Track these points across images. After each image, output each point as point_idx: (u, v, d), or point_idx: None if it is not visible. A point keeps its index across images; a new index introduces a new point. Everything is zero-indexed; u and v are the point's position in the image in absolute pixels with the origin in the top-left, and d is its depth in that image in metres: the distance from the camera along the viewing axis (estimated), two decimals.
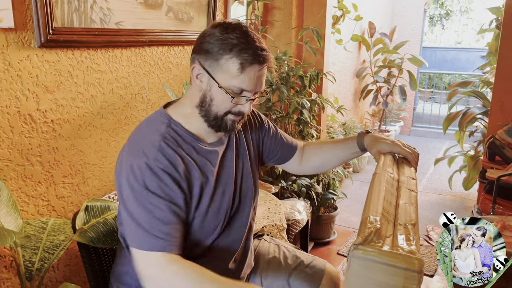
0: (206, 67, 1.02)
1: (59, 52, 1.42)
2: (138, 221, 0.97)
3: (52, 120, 1.43)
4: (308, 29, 2.41)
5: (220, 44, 1.00)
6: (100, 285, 1.29)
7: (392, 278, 0.61)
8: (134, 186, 0.98)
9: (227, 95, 1.02)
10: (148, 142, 1.03)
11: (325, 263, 1.36)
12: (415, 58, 4.67)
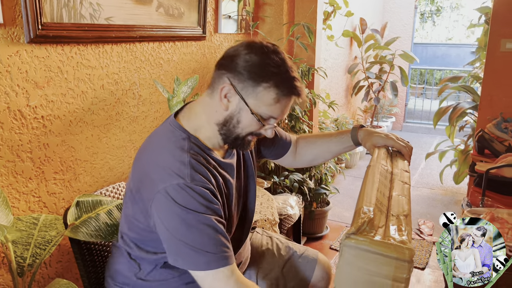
0: (238, 89, 1.00)
1: (49, 48, 1.41)
2: (193, 244, 0.95)
3: (43, 116, 1.42)
4: (299, 25, 2.42)
5: (260, 71, 0.99)
6: (93, 281, 1.29)
7: (382, 268, 0.62)
8: (176, 211, 0.95)
9: (256, 121, 1.02)
10: (176, 161, 0.99)
11: (317, 253, 1.39)
12: (406, 54, 4.70)
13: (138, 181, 1.06)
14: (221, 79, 1.03)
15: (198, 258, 0.95)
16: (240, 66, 1.00)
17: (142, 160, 1.07)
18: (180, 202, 0.95)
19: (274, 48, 1.02)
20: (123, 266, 1.15)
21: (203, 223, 0.95)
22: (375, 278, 0.61)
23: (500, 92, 2.32)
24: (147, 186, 1.02)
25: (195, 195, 0.96)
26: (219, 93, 1.02)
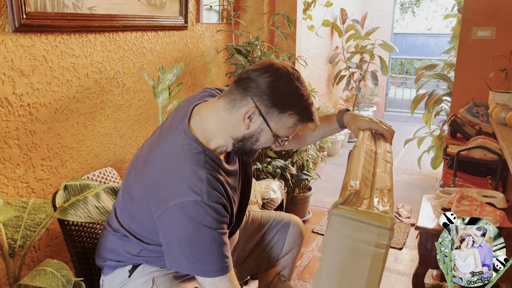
0: (263, 113, 1.06)
1: (33, 37, 1.44)
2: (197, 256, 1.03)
3: (29, 104, 1.46)
4: (279, 15, 2.48)
5: (286, 100, 1.05)
6: (82, 261, 1.34)
7: (366, 234, 0.67)
8: (189, 226, 1.01)
9: (273, 139, 1.10)
10: (194, 177, 1.03)
11: (290, 215, 1.54)
12: (385, 44, 4.79)
13: (150, 187, 1.09)
14: (244, 100, 1.06)
15: (199, 267, 1.04)
16: (267, 92, 1.04)
17: (156, 167, 1.09)
18: (196, 218, 1.01)
19: (297, 75, 1.08)
20: (117, 245, 1.21)
21: (213, 239, 1.03)
22: (359, 244, 0.67)
23: (471, 78, 2.43)
24: (159, 195, 1.06)
25: (211, 212, 1.02)
26: (243, 113, 1.06)
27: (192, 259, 1.03)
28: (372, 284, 0.68)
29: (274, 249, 1.51)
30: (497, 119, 1.93)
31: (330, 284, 0.71)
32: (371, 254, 0.67)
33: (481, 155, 1.95)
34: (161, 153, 1.11)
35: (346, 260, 0.69)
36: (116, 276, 1.22)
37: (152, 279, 1.16)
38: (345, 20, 4.78)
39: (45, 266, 1.21)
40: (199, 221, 1.01)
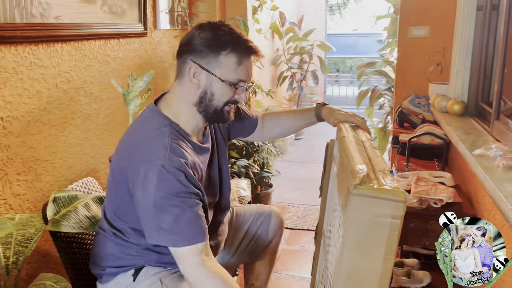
0: (203, 65, 1.11)
1: (3, 49, 1.40)
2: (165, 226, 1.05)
3: (2, 118, 1.41)
4: (234, 19, 2.56)
5: (215, 42, 1.10)
6: (77, 271, 1.33)
7: (383, 209, 0.76)
8: (152, 191, 1.04)
9: (227, 87, 1.13)
10: (157, 145, 1.08)
11: (270, 207, 1.65)
12: (323, 44, 5.06)
13: (122, 165, 1.14)
14: (185, 64, 1.14)
15: (168, 237, 1.07)
16: (197, 45, 1.11)
17: (125, 144, 1.16)
18: (156, 183, 1.04)
19: (221, 22, 1.16)
20: (114, 249, 1.22)
21: (174, 205, 1.06)
22: (377, 218, 0.76)
23: (411, 73, 2.68)
24: (130, 169, 1.10)
25: (171, 178, 1.05)
26: (187, 75, 1.13)
27: (159, 228, 1.06)
28: (391, 251, 0.78)
29: (259, 240, 1.60)
30: (439, 107, 2.17)
31: (354, 255, 0.80)
32: (389, 225, 0.77)
33: (429, 141, 2.18)
34: (130, 130, 1.18)
35: (367, 233, 0.79)
36: (118, 282, 1.23)
37: (159, 280, 1.19)
38: (284, 23, 4.98)
39: (42, 280, 1.19)
40: (160, 187, 1.04)
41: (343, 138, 1.15)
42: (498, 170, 1.25)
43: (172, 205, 1.05)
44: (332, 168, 1.36)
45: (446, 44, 2.40)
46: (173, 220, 1.06)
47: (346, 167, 0.94)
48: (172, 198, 1.05)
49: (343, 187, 0.89)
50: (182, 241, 1.06)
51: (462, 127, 1.82)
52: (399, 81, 2.76)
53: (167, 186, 1.05)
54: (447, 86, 2.27)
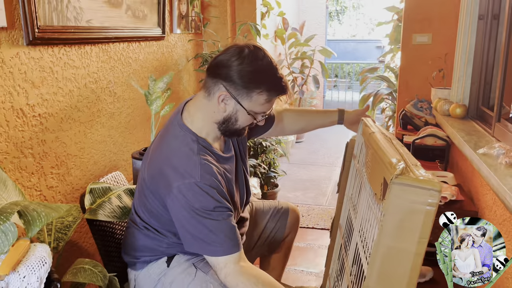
0: (234, 95, 1.17)
1: (42, 50, 1.49)
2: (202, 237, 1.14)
3: (39, 114, 1.50)
4: (246, 24, 2.67)
5: (252, 79, 1.14)
6: (110, 257, 1.42)
7: (420, 196, 0.83)
8: (187, 207, 1.13)
9: (251, 116, 1.21)
10: (189, 162, 1.16)
11: (287, 203, 1.75)
12: (324, 49, 5.19)
13: (155, 177, 1.22)
14: (216, 86, 1.18)
15: (207, 248, 1.16)
16: (234, 76, 1.15)
17: (158, 160, 1.23)
18: (191, 199, 1.13)
19: (262, 53, 1.17)
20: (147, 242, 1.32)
21: (210, 219, 1.15)
22: (415, 205, 0.84)
23: (414, 78, 2.80)
24: (163, 183, 1.19)
25: (203, 193, 1.14)
26: (216, 98, 1.20)
27: (197, 239, 1.15)
28: (425, 235, 0.86)
29: (277, 234, 1.70)
30: (442, 111, 2.29)
31: (391, 238, 0.89)
32: (424, 211, 0.84)
33: (432, 142, 2.30)
34: (162, 146, 1.25)
35: (404, 218, 0.87)
36: (151, 269, 1.32)
37: (193, 265, 1.28)
38: (286, 28, 5.11)
39: (81, 264, 1.28)
40: (194, 202, 1.13)
41: (373, 134, 1.23)
42: (501, 167, 1.36)
43: (207, 218, 1.14)
44: (353, 165, 1.46)
45: (448, 50, 2.53)
46: (210, 232, 1.15)
47: (380, 160, 1.02)
48: (207, 213, 1.14)
49: (377, 178, 0.98)
50: (220, 251, 1.15)
51: (464, 129, 1.94)
52: (402, 86, 2.88)
53: (202, 201, 1.13)
54: (449, 90, 2.39)
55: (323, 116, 1.61)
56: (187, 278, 1.27)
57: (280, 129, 1.64)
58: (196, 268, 1.27)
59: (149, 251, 1.33)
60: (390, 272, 0.90)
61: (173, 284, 1.28)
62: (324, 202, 3.42)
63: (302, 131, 1.70)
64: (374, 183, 1.01)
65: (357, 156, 1.41)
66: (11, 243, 0.94)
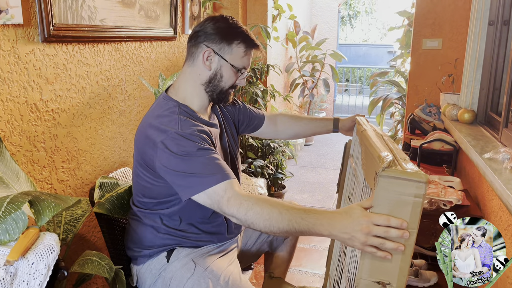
0: (216, 50, 1.29)
1: (56, 47, 1.54)
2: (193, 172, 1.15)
3: (52, 109, 1.55)
4: (256, 26, 2.70)
5: (229, 32, 1.29)
6: (117, 250, 1.46)
7: (407, 188, 0.86)
8: (173, 155, 1.16)
9: (233, 72, 1.31)
10: (168, 121, 1.23)
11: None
12: (335, 53, 5.20)
13: (141, 148, 1.28)
14: (199, 47, 1.30)
15: (204, 181, 1.14)
16: (213, 32, 1.28)
17: (140, 128, 1.30)
18: (175, 148, 1.17)
19: (231, 17, 1.34)
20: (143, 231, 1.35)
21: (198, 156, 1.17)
22: (402, 196, 0.87)
23: (423, 82, 2.80)
24: (149, 147, 1.24)
25: (185, 140, 1.18)
26: (201, 58, 1.29)
27: (191, 180, 1.15)
28: (414, 225, 0.89)
29: None
30: (450, 116, 2.29)
31: None
32: (412, 202, 0.87)
33: (439, 147, 2.30)
34: (144, 118, 1.33)
35: (392, 210, 0.89)
36: (152, 264, 1.36)
37: (192, 260, 1.31)
38: (298, 31, 5.13)
39: (88, 256, 1.32)
40: (179, 151, 1.17)
41: (364, 131, 1.26)
42: (506, 171, 1.36)
43: (195, 157, 1.16)
44: (349, 164, 1.48)
45: (458, 56, 2.53)
46: (202, 166, 1.16)
47: (371, 155, 1.05)
48: (193, 153, 1.17)
49: (370, 173, 1.00)
50: (218, 178, 1.14)
51: (472, 134, 1.94)
52: (411, 90, 2.88)
53: (186, 146, 1.17)
54: (457, 96, 2.39)
55: (318, 123, 1.66)
56: (186, 274, 1.30)
57: (274, 132, 1.69)
58: (195, 264, 1.30)
59: (148, 242, 1.36)
60: (381, 263, 0.92)
61: (173, 279, 1.31)
62: (331, 205, 3.43)
63: (296, 136, 1.73)
64: (369, 178, 1.03)
65: (353, 155, 1.43)
66: (22, 230, 0.97)
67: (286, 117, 1.70)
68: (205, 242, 1.40)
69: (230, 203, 1.13)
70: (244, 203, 1.11)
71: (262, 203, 1.09)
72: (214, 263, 1.34)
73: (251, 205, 1.10)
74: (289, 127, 1.69)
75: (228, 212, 1.13)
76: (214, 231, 1.41)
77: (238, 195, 1.13)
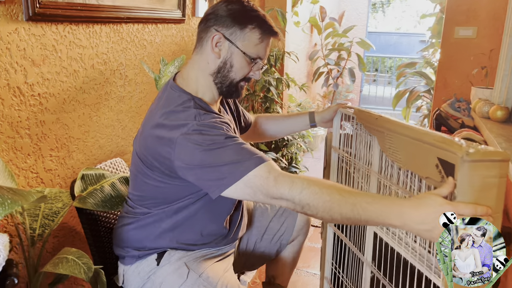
0: (227, 35, 1.11)
1: (44, 26, 1.43)
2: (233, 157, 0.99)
3: (39, 94, 1.45)
4: (272, 10, 2.53)
5: (243, 15, 1.11)
6: (99, 248, 1.36)
7: (492, 170, 0.80)
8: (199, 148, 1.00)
9: (246, 62, 1.13)
10: (185, 116, 1.07)
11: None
12: (363, 42, 4.94)
13: (151, 147, 1.12)
14: (208, 32, 1.13)
15: (243, 166, 0.98)
16: (224, 15, 1.11)
17: (150, 127, 1.12)
18: (199, 140, 1.01)
19: (247, 1, 1.16)
20: (135, 231, 1.24)
21: (226, 145, 1.01)
22: (487, 179, 0.80)
23: (453, 75, 2.57)
24: (163, 146, 1.07)
25: (208, 130, 1.03)
26: (210, 44, 1.12)
27: (225, 169, 0.99)
28: (499, 208, 0.82)
29: (283, 236, 1.57)
30: (480, 113, 2.06)
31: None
32: (497, 184, 0.80)
33: None
34: (153, 114, 1.14)
35: (478, 195, 0.81)
36: (140, 265, 1.24)
37: (185, 264, 1.19)
38: (324, 18, 4.90)
39: (65, 254, 1.22)
40: (204, 139, 1.01)
41: (380, 117, 1.10)
42: None
43: (224, 146, 1.01)
44: (335, 157, 1.40)
45: (493, 46, 2.28)
46: (235, 153, 1.01)
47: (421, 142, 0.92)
48: (221, 143, 1.02)
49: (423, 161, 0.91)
50: (258, 160, 0.99)
51: (504, 134, 1.73)
52: (439, 83, 2.65)
53: (211, 136, 1.02)
54: (490, 90, 2.16)
55: (293, 119, 1.52)
56: (178, 280, 1.19)
57: (254, 135, 1.57)
58: (188, 269, 1.18)
59: (137, 243, 1.25)
60: None
61: (163, 284, 1.20)
62: None
63: (273, 137, 1.60)
64: (418, 167, 0.94)
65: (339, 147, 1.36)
66: None
67: (262, 118, 1.58)
68: (200, 246, 1.28)
69: (278, 182, 0.96)
70: (297, 181, 0.95)
71: (318, 181, 0.95)
72: (209, 268, 1.21)
73: (306, 184, 0.94)
74: (266, 128, 1.57)
75: (278, 193, 0.96)
76: (214, 233, 1.28)
77: (286, 174, 0.98)
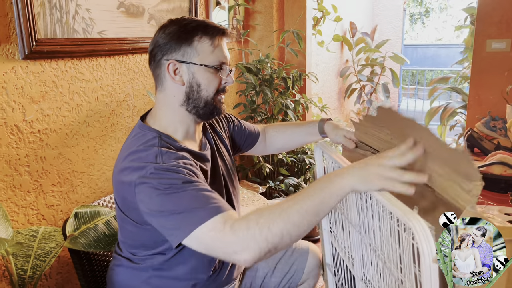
0: (180, 59, 1.05)
1: (43, 63, 1.44)
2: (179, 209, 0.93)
3: (39, 130, 1.45)
4: (289, 32, 2.46)
5: (184, 31, 1.05)
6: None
7: None
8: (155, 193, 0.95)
9: (211, 73, 1.07)
10: (146, 155, 1.01)
11: (308, 243, 1.47)
12: (396, 56, 4.76)
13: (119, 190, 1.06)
14: (161, 66, 1.07)
15: (197, 215, 0.91)
16: (166, 42, 1.06)
17: (117, 170, 1.06)
18: (156, 183, 0.95)
19: (181, 17, 1.10)
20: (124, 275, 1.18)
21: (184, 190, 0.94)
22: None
23: (487, 91, 2.37)
24: (127, 189, 1.01)
25: (167, 173, 0.96)
26: (168, 75, 1.06)
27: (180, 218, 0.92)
28: None
29: (293, 278, 1.44)
30: None
31: None
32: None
33: (501, 171, 1.89)
34: (120, 156, 1.08)
35: None
36: None
37: None
38: (354, 33, 4.77)
39: None
40: (161, 183, 0.94)
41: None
42: None
43: (181, 191, 0.94)
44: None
45: None
46: (192, 200, 0.93)
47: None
48: (178, 187, 0.95)
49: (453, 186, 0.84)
50: (214, 210, 0.92)
51: None
52: (472, 100, 2.45)
53: (169, 179, 0.96)
54: None
55: (304, 129, 1.40)
56: None
57: (264, 147, 1.47)
58: None
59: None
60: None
61: None
62: None
63: (284, 148, 1.49)
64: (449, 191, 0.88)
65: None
66: None
67: (272, 127, 1.48)
68: None
69: (234, 228, 0.89)
70: (251, 217, 0.89)
71: (265, 208, 0.90)
72: None
73: (259, 214, 0.88)
74: (276, 139, 1.47)
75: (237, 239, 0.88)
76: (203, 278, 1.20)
77: (240, 219, 0.90)
